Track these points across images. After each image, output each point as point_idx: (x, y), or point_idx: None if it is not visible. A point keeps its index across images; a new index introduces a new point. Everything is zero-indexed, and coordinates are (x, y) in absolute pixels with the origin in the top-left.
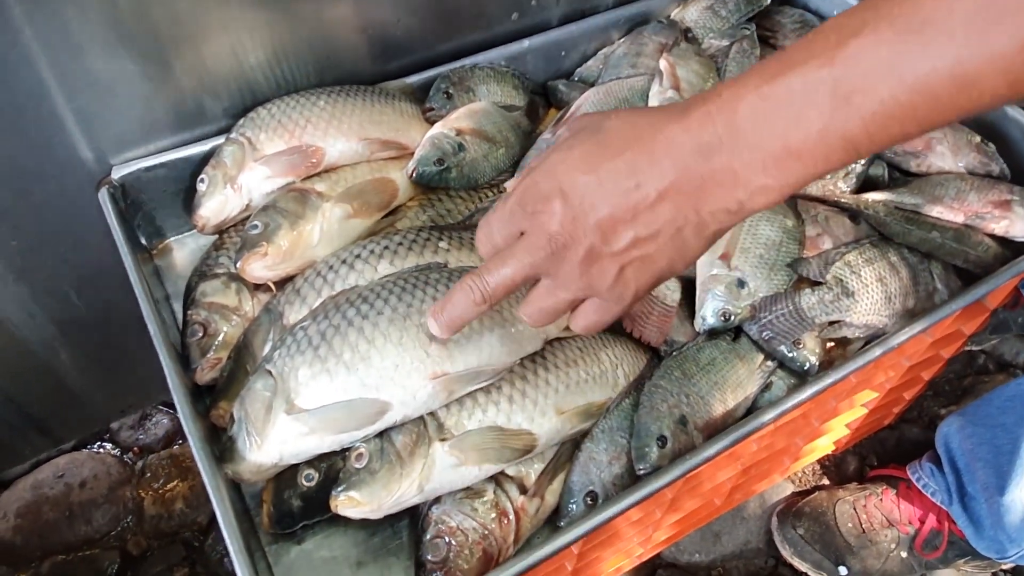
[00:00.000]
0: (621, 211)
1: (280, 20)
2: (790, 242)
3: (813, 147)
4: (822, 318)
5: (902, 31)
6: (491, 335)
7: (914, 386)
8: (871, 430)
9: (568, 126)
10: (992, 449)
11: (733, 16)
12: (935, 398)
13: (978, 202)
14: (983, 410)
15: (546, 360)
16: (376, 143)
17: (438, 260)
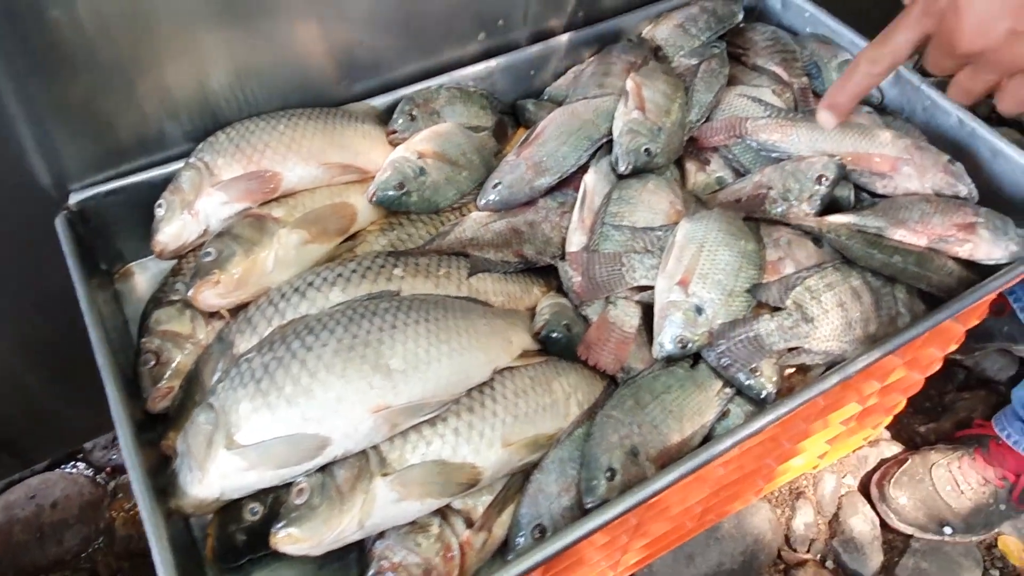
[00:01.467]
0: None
1: (242, 42)
2: (749, 267)
3: None
4: (780, 345)
5: None
6: (438, 366)
7: (892, 405)
8: (855, 447)
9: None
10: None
11: (703, 34)
12: (915, 415)
13: (942, 225)
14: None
15: (494, 391)
16: (336, 167)
17: (391, 288)
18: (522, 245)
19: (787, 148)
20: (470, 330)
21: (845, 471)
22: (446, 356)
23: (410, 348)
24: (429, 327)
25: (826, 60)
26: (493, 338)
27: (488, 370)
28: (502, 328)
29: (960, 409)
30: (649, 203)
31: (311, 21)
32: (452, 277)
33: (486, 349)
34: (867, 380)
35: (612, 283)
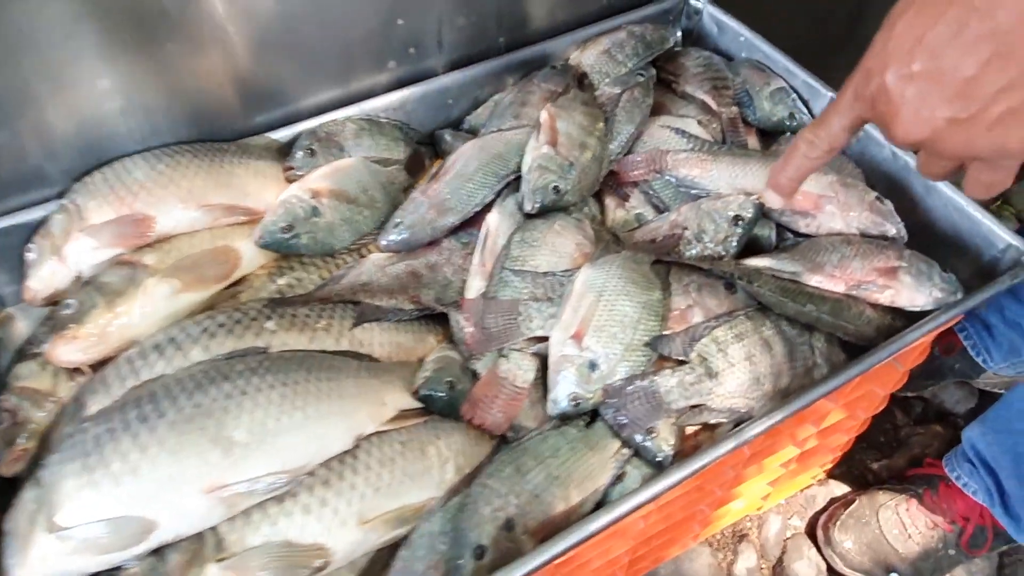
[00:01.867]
0: (970, 67)
1: (127, 72)
2: (650, 318)
3: None
4: (681, 403)
5: None
6: (288, 437)
7: (836, 444)
8: (802, 486)
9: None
10: (1013, 458)
11: (631, 61)
12: (868, 450)
13: (862, 270)
14: (1002, 415)
15: (356, 460)
16: (219, 209)
17: (259, 344)
18: (420, 290)
19: (706, 184)
20: (333, 393)
21: (792, 512)
22: (299, 425)
23: (258, 417)
24: (284, 392)
25: (758, 88)
26: (361, 401)
27: (350, 438)
28: (375, 388)
29: (915, 444)
30: (554, 245)
31: (205, 48)
32: (332, 329)
33: (350, 414)
34: (800, 425)
35: (507, 334)
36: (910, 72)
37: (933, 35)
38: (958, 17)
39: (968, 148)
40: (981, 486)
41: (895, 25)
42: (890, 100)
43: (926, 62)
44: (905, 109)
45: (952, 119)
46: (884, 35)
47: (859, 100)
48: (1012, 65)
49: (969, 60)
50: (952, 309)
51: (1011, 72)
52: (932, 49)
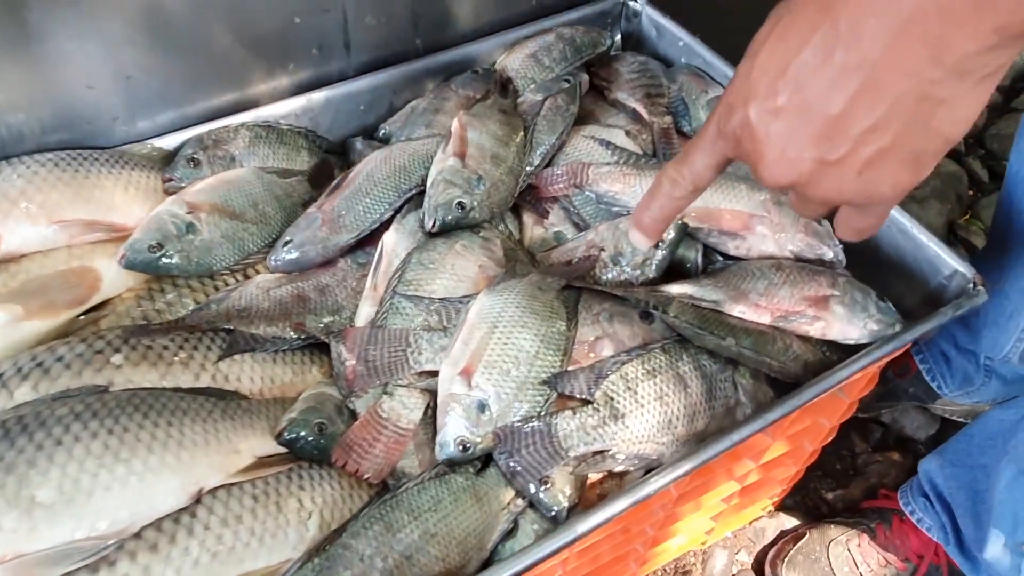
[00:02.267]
0: (836, 102)
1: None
2: (549, 352)
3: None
4: (581, 448)
5: None
6: (106, 496)
7: (785, 476)
8: (751, 518)
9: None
10: (970, 495)
11: (558, 65)
12: (823, 479)
13: (790, 299)
14: (962, 447)
15: (194, 519)
16: (76, 226)
17: (100, 382)
18: (305, 316)
19: (628, 201)
20: (171, 441)
21: (739, 545)
22: (120, 481)
23: (70, 473)
24: (108, 441)
25: (695, 96)
26: (207, 450)
27: (185, 495)
28: (227, 433)
29: (872, 473)
30: (454, 268)
31: (75, 46)
32: (193, 362)
33: (189, 467)
34: (736, 461)
35: (392, 368)
36: (775, 107)
37: (797, 65)
38: (823, 44)
39: (838, 193)
40: (936, 522)
41: (758, 53)
42: (755, 138)
43: (791, 95)
44: (771, 149)
45: (820, 160)
46: (747, 65)
47: (722, 137)
48: (880, 102)
49: (835, 94)
50: (889, 343)
51: (879, 109)
52: (797, 81)
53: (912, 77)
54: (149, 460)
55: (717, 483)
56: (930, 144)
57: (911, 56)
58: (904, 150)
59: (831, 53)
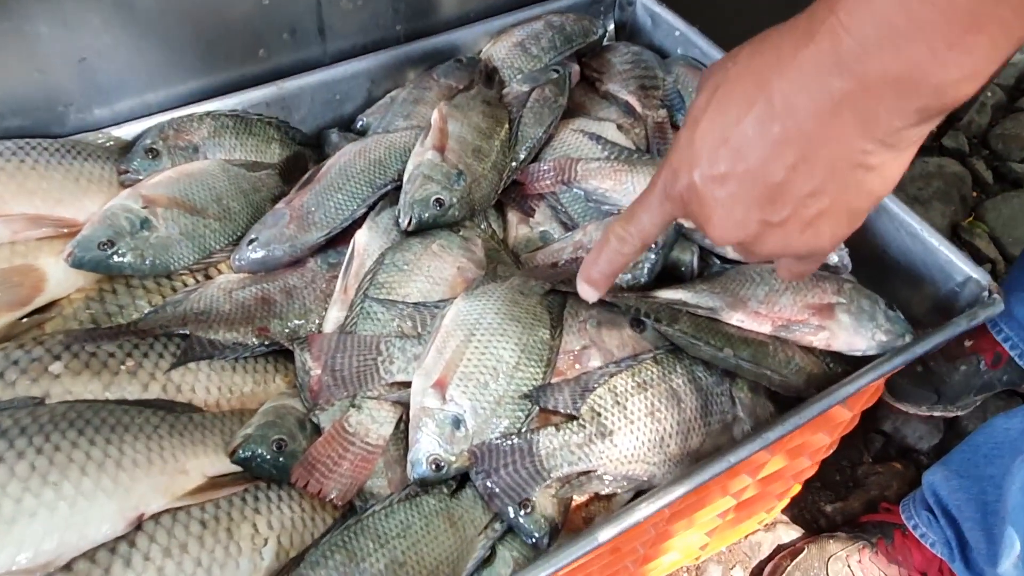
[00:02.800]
0: (777, 172)
1: None
2: (531, 364)
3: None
4: (565, 469)
5: None
6: (30, 524)
7: (782, 490)
8: (746, 532)
9: (700, 87)
10: (980, 507)
11: (546, 55)
12: (822, 491)
13: (792, 306)
14: (967, 457)
15: (133, 548)
16: (20, 220)
17: (35, 393)
18: (269, 321)
19: (618, 199)
20: (108, 462)
21: (734, 561)
22: (47, 507)
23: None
24: (37, 462)
25: (691, 89)
26: (150, 471)
27: (122, 521)
28: (175, 451)
29: (872, 485)
30: (430, 270)
31: (23, 26)
32: (142, 371)
33: (127, 489)
34: (732, 478)
35: (362, 378)
36: (719, 173)
37: (738, 136)
38: (760, 119)
39: (784, 249)
40: (940, 537)
41: (699, 122)
42: (702, 202)
43: (734, 164)
44: (718, 212)
45: (765, 222)
46: (688, 132)
47: (669, 200)
48: (818, 169)
49: (776, 165)
50: (898, 356)
51: (818, 176)
52: (738, 151)
53: (844, 148)
54: (82, 483)
55: (712, 499)
56: (864, 202)
57: (842, 130)
58: (841, 209)
59: (768, 126)
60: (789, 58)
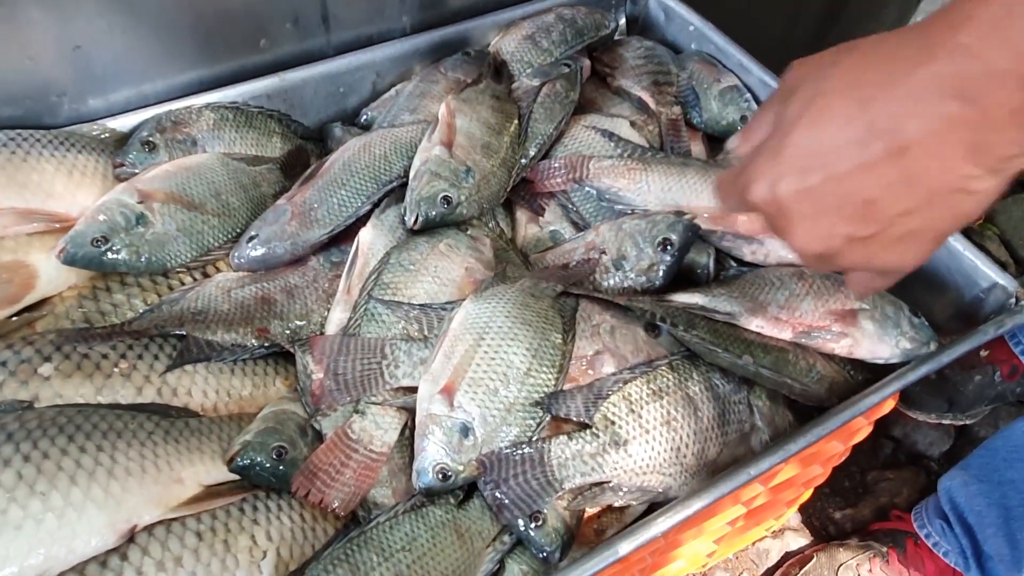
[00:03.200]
0: (872, 189)
1: None
2: (543, 369)
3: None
4: (577, 480)
5: None
6: (16, 536)
7: (792, 498)
8: (754, 539)
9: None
10: (1002, 512)
11: (557, 48)
12: (831, 497)
13: (814, 312)
14: (987, 462)
15: (125, 561)
16: (9, 215)
17: (23, 396)
18: (269, 321)
19: (632, 199)
20: (99, 471)
21: (741, 568)
22: (34, 519)
23: None
24: (23, 470)
25: (707, 86)
26: (143, 480)
27: (114, 534)
28: (170, 459)
29: (882, 492)
30: (436, 270)
31: (12, 10)
32: (135, 374)
33: (119, 500)
34: (747, 486)
35: (366, 382)
36: (808, 187)
37: (834, 152)
38: (861, 137)
39: (866, 263)
40: (955, 547)
41: (790, 132)
42: (786, 213)
43: (826, 179)
44: (803, 225)
45: (851, 237)
46: (777, 140)
47: (745, 206)
48: (917, 190)
49: (871, 183)
50: (923, 365)
51: (915, 197)
52: (832, 167)
53: (948, 172)
54: (71, 493)
55: (723, 508)
56: (954, 224)
57: (950, 154)
58: (930, 229)
59: (870, 145)
60: (901, 77)
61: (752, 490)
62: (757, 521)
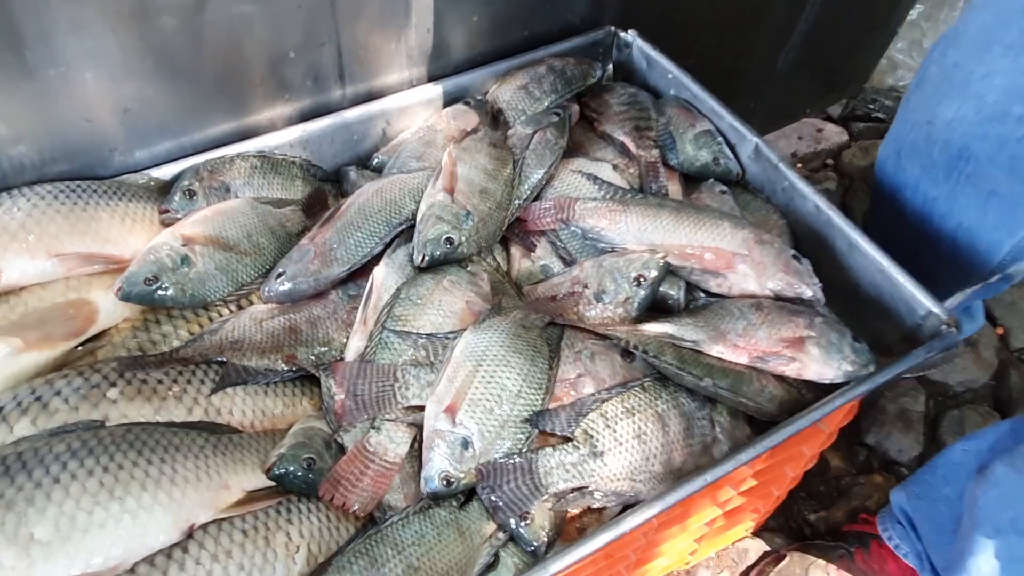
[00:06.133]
0: None
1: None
2: (532, 391)
3: None
4: (561, 485)
5: None
6: (101, 533)
7: (767, 500)
8: (734, 539)
9: None
10: (935, 528)
11: (548, 97)
12: (807, 500)
13: (768, 340)
14: (926, 479)
15: (185, 554)
16: (74, 259)
17: (96, 416)
18: (296, 348)
19: (613, 238)
20: (164, 479)
21: (722, 566)
22: (115, 519)
23: (67, 510)
24: (104, 479)
25: (682, 130)
26: (198, 487)
27: (176, 531)
28: (218, 469)
29: (855, 496)
30: (440, 303)
31: (75, 80)
32: (186, 396)
33: (180, 503)
34: (718, 489)
35: (381, 402)
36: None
37: None
38: None
39: None
40: (912, 549)
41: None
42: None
43: None
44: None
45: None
46: None
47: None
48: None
49: None
50: (862, 385)
51: None
52: None
53: None
54: (143, 498)
55: (699, 509)
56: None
57: None
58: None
59: None
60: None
61: (725, 493)
62: (735, 522)
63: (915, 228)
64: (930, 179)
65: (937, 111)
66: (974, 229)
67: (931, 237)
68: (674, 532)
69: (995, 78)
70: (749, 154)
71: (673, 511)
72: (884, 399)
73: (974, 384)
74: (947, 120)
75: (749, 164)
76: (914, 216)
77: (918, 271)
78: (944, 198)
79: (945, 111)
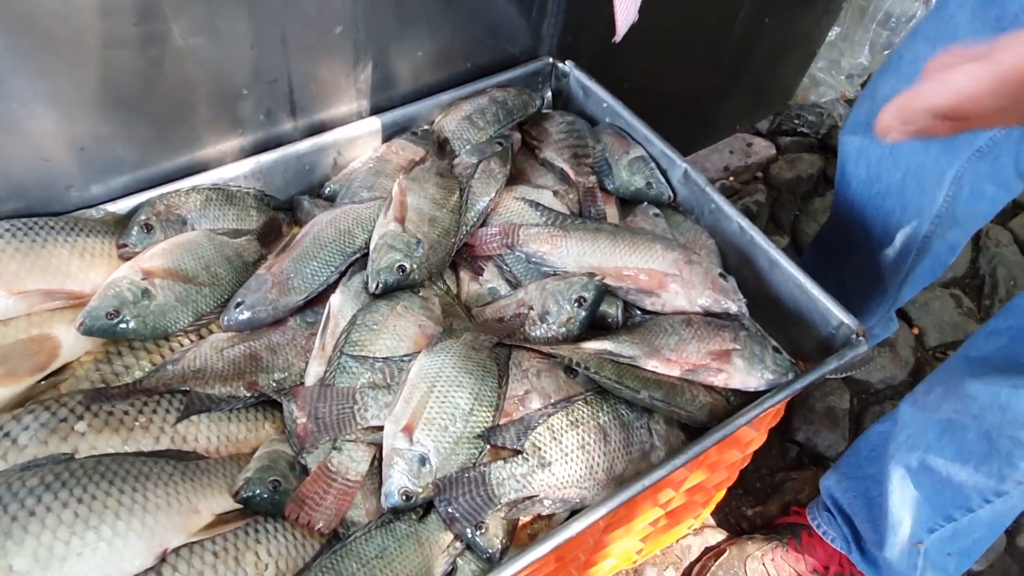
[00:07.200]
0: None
1: None
2: (482, 409)
3: None
4: (512, 495)
5: None
6: (78, 562)
7: (706, 499)
8: (678, 537)
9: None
10: (865, 503)
11: (492, 127)
12: (744, 496)
13: (697, 353)
14: (852, 461)
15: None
16: (35, 295)
17: (66, 449)
18: (257, 375)
19: (554, 262)
20: (136, 507)
21: (668, 563)
22: (91, 547)
23: (44, 541)
24: (79, 510)
25: (617, 157)
26: (169, 512)
27: (151, 556)
28: (187, 495)
29: (788, 490)
30: (395, 328)
31: (24, 113)
32: (152, 426)
33: (153, 530)
34: (659, 491)
35: (341, 424)
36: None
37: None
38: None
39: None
40: (839, 534)
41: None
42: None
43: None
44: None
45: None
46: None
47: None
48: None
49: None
50: (782, 391)
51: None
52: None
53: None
54: (117, 525)
55: (643, 511)
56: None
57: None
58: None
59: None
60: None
61: (666, 495)
62: (676, 521)
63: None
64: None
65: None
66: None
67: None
68: (620, 533)
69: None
70: (679, 178)
71: (617, 513)
72: (812, 398)
73: (893, 381)
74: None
75: (679, 187)
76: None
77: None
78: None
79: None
